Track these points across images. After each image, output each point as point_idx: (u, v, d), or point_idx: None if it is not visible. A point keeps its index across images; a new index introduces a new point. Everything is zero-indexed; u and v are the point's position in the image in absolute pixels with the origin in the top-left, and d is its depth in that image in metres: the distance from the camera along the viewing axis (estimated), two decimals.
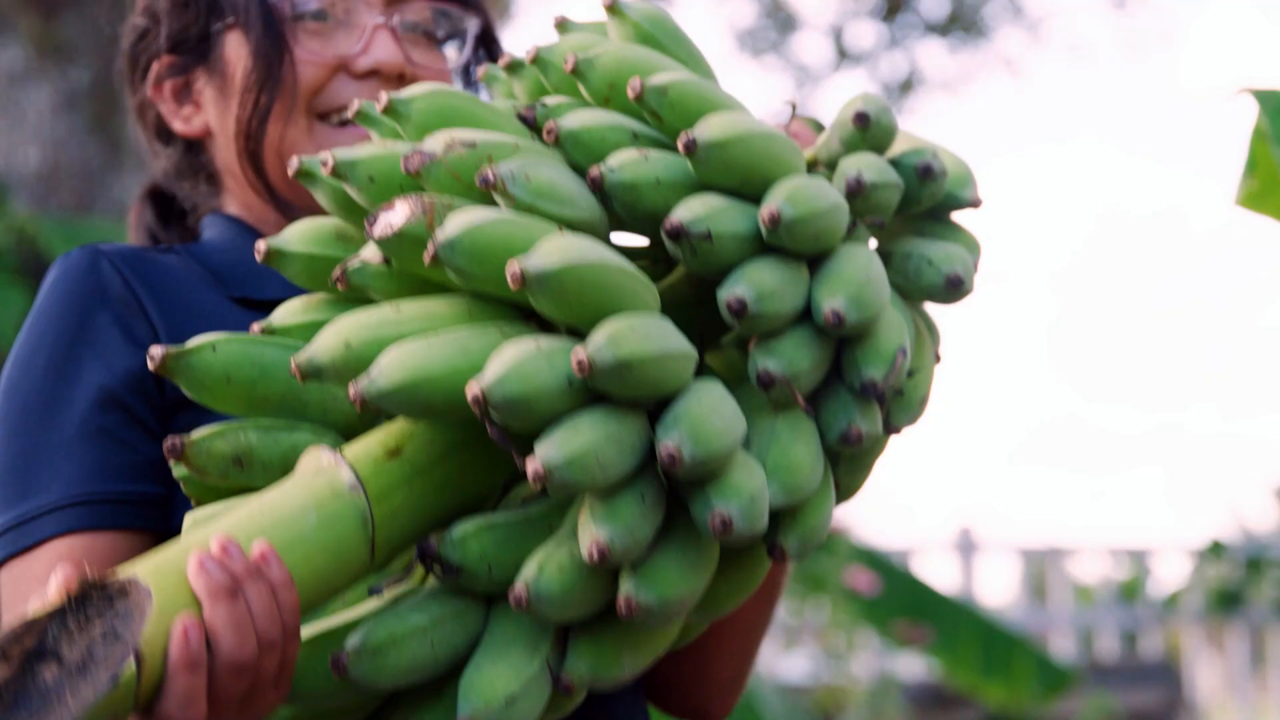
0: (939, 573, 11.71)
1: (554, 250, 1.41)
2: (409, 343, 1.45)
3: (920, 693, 9.49)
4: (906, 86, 13.04)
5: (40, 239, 6.11)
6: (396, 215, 1.49)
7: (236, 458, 1.57)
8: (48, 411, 1.88)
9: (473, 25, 2.16)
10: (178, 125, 2.14)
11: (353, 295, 1.61)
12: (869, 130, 1.56)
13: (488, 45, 2.19)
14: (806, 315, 1.48)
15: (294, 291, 1.97)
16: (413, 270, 1.53)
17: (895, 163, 1.57)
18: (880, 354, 1.49)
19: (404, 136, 1.57)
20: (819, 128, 1.92)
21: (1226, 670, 11.58)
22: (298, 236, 1.62)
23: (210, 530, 1.47)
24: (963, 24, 12.86)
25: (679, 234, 1.45)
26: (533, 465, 1.37)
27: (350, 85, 2.07)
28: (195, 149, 2.16)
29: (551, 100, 1.58)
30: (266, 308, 1.95)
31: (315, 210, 2.04)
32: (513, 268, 1.39)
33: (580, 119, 1.52)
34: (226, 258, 2.03)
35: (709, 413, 1.42)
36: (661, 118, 1.52)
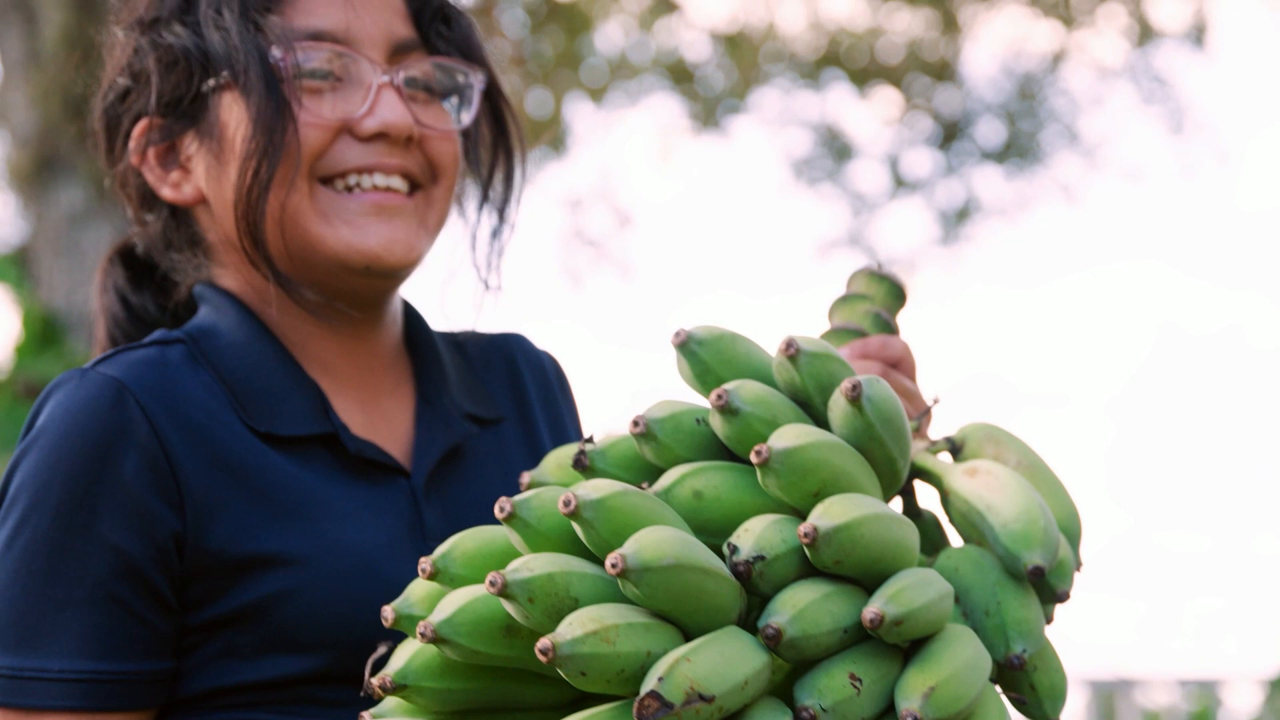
0: (1006, 704, 11.46)
1: None
2: None
3: None
4: (963, 214, 13.02)
5: None
6: None
7: None
8: (58, 558, 1.78)
9: (478, 81, 2.05)
10: (167, 193, 2.00)
11: (490, 666, 1.57)
12: (1040, 581, 1.60)
13: (494, 101, 2.09)
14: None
15: (313, 427, 1.91)
16: None
17: (1037, 584, 1.61)
18: None
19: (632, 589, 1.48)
20: (897, 294, 1.89)
21: None
22: (467, 626, 1.53)
23: None
24: (1019, 151, 12.85)
25: None
26: None
27: (355, 148, 1.95)
28: (182, 216, 2.03)
29: (771, 547, 1.52)
30: (291, 443, 1.89)
31: (316, 285, 1.96)
32: None
33: (801, 625, 1.48)
34: (241, 367, 1.92)
35: None
36: (883, 637, 1.50)
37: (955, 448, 1.76)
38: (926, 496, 1.74)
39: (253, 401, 1.90)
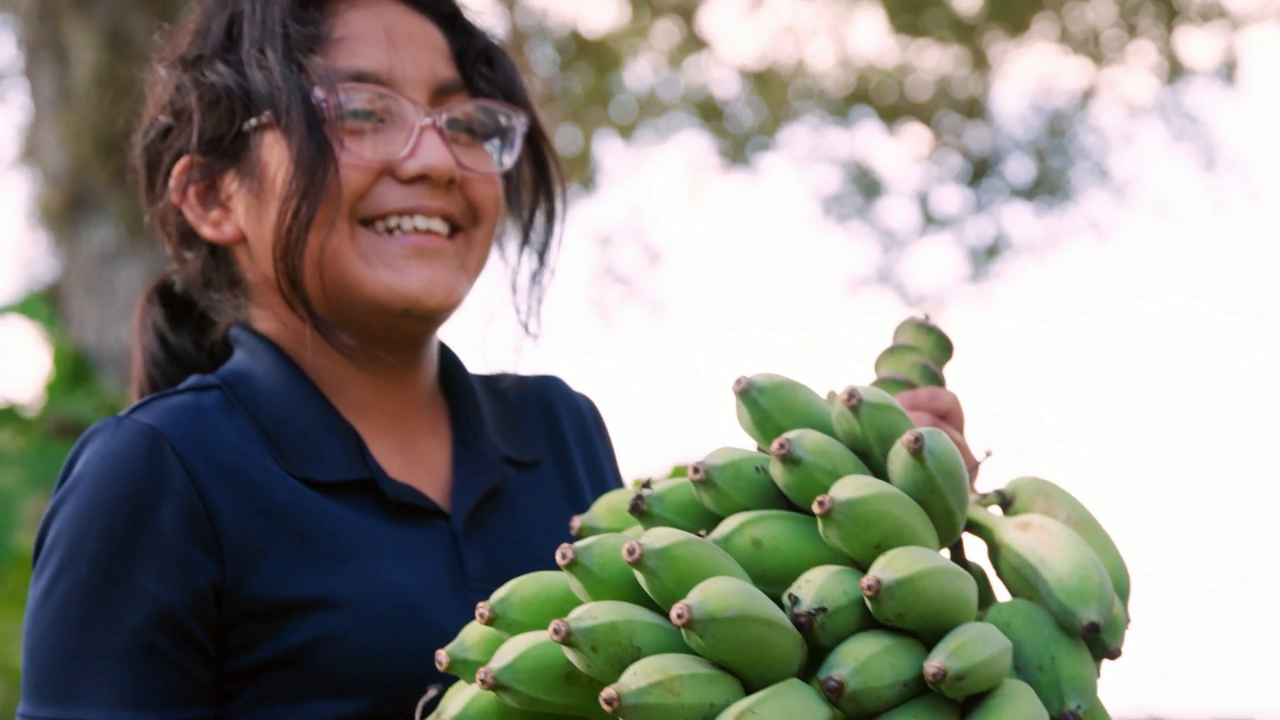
0: None
1: None
2: None
3: None
4: (993, 251, 13.00)
5: None
6: None
7: None
8: (95, 608, 1.77)
9: (520, 123, 2.04)
10: (207, 231, 1.98)
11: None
12: (1094, 637, 1.61)
13: (535, 143, 2.07)
14: None
15: (351, 472, 1.90)
16: None
17: (1090, 640, 1.62)
18: None
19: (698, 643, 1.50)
20: (944, 346, 1.89)
21: None
22: (527, 673, 1.54)
23: None
24: (1049, 188, 12.83)
25: None
26: None
27: (396, 190, 1.94)
28: (221, 255, 2.01)
29: (832, 599, 1.53)
30: (329, 488, 1.88)
31: (353, 328, 1.95)
32: None
33: (863, 678, 1.49)
34: (277, 413, 1.91)
35: None
36: (944, 691, 1.51)
37: (1005, 501, 1.76)
38: (972, 548, 1.74)
39: (290, 447, 1.90)
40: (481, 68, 2.05)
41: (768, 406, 1.65)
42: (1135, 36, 12.09)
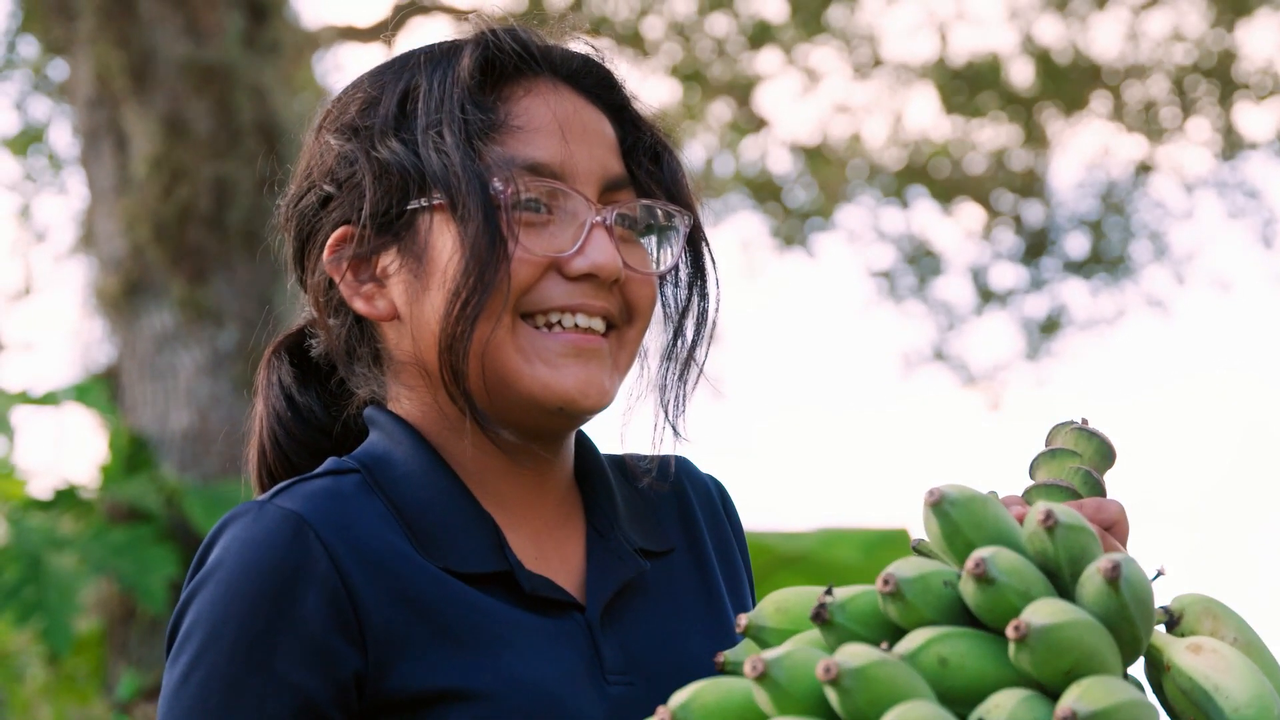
0: None
1: None
2: None
3: None
4: (1049, 327, 12.97)
5: (187, 503, 6.12)
6: None
7: None
8: (234, 695, 1.74)
9: (683, 224, 1.98)
10: (359, 305, 1.92)
11: None
12: None
13: (695, 244, 2.02)
14: None
15: (489, 564, 1.87)
16: None
17: None
18: None
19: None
20: (1106, 453, 1.87)
21: None
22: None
23: None
24: (1106, 263, 12.80)
25: None
26: None
27: (561, 286, 1.88)
28: (365, 326, 1.96)
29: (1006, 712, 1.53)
30: (472, 580, 1.85)
31: (508, 422, 1.91)
32: None
33: None
34: (417, 501, 1.87)
35: None
36: None
37: (1173, 619, 1.75)
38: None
39: (428, 535, 1.86)
40: (648, 163, 1.99)
41: (959, 520, 1.63)
42: (1192, 111, 12.08)
